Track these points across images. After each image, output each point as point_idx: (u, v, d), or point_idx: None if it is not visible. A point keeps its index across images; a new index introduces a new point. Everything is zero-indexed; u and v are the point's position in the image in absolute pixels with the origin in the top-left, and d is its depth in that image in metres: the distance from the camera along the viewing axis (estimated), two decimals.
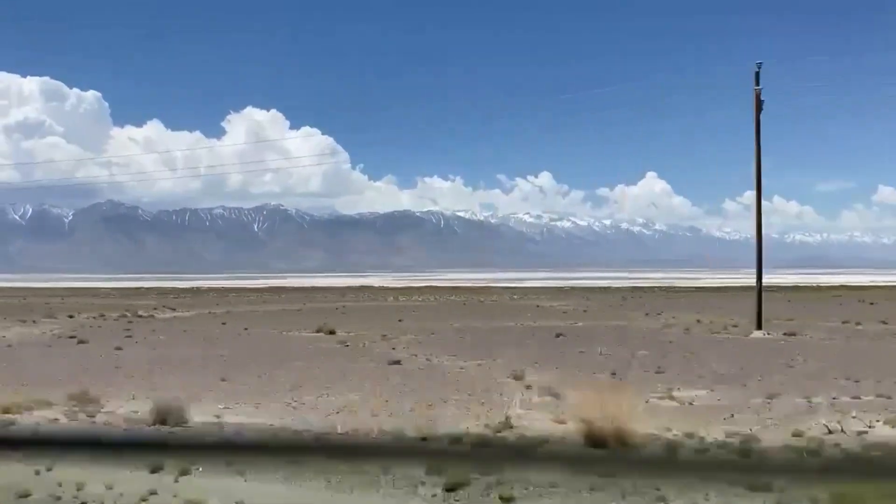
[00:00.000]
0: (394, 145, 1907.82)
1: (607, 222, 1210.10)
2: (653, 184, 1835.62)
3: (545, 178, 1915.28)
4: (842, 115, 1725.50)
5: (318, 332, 34.47)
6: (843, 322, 37.99)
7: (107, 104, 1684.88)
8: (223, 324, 41.32)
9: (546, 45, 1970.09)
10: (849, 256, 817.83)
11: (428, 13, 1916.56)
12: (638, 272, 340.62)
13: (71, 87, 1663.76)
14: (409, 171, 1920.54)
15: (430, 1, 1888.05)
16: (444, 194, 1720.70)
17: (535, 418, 13.89)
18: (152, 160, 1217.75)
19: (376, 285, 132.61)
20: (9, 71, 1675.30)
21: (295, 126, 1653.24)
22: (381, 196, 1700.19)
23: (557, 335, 31.92)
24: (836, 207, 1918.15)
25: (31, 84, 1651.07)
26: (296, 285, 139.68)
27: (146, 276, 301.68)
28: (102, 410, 14.88)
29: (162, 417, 12.60)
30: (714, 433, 12.34)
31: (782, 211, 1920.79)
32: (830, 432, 12.12)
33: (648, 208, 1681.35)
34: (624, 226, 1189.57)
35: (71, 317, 46.45)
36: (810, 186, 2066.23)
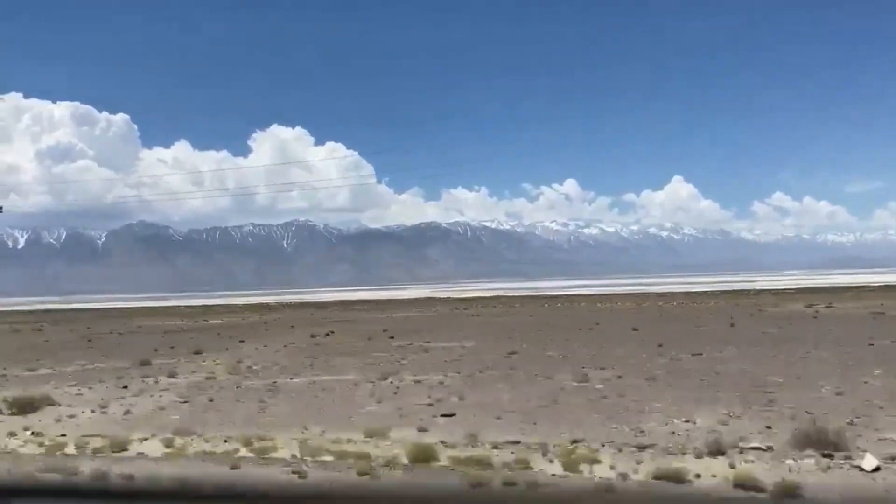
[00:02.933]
0: (418, 157, 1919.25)
1: (635, 228, 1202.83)
2: (679, 188, 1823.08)
3: (570, 186, 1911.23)
4: (871, 115, 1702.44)
5: None
6: None
7: (135, 126, 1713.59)
8: None
9: (567, 54, 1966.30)
10: (884, 256, 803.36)
11: (450, 27, 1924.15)
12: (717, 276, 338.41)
13: (100, 111, 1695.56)
14: (434, 182, 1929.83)
15: (451, 14, 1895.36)
16: (469, 205, 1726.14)
17: None
18: (181, 180, 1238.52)
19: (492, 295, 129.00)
20: (40, 97, 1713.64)
21: (320, 142, 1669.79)
22: (407, 208, 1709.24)
23: None
24: (869, 206, 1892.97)
25: (62, 109, 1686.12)
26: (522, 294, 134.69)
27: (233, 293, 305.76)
28: None
29: None
30: None
31: (813, 211, 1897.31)
32: None
33: (676, 213, 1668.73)
34: (652, 231, 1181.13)
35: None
36: (841, 186, 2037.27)
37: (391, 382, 21.02)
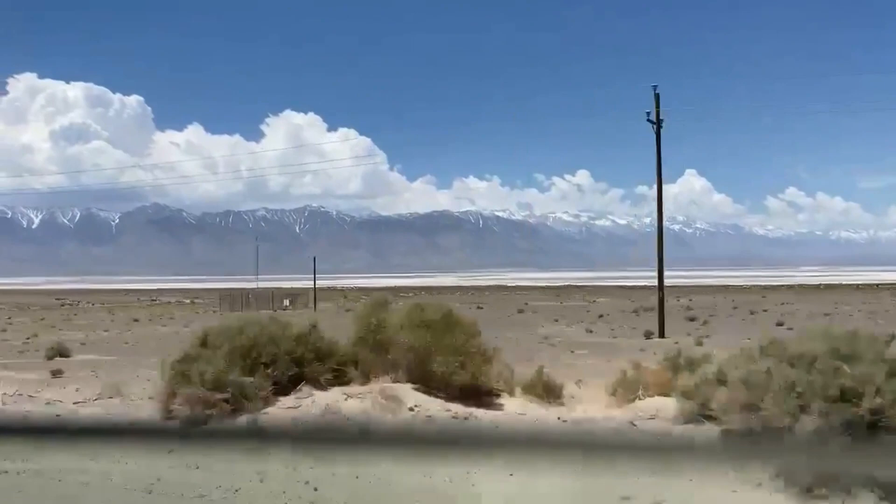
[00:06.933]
0: (430, 145, 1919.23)
1: (647, 220, 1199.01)
2: (693, 181, 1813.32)
3: (583, 177, 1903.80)
4: (887, 110, 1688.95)
5: None
6: None
7: (149, 109, 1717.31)
8: None
9: (579, 45, 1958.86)
10: None
11: (463, 15, 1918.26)
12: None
13: (114, 93, 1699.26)
14: (446, 171, 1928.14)
15: (463, 3, 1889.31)
16: (481, 194, 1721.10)
17: None
18: (194, 163, 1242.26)
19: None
20: (54, 78, 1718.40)
21: (332, 128, 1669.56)
22: (419, 196, 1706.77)
23: None
24: (884, 203, 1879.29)
25: (76, 90, 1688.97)
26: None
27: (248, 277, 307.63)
28: None
29: None
30: None
31: (827, 208, 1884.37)
32: None
33: (689, 206, 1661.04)
34: (664, 224, 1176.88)
35: None
36: (856, 182, 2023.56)
37: None
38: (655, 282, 31.21)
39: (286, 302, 66.80)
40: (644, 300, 67.45)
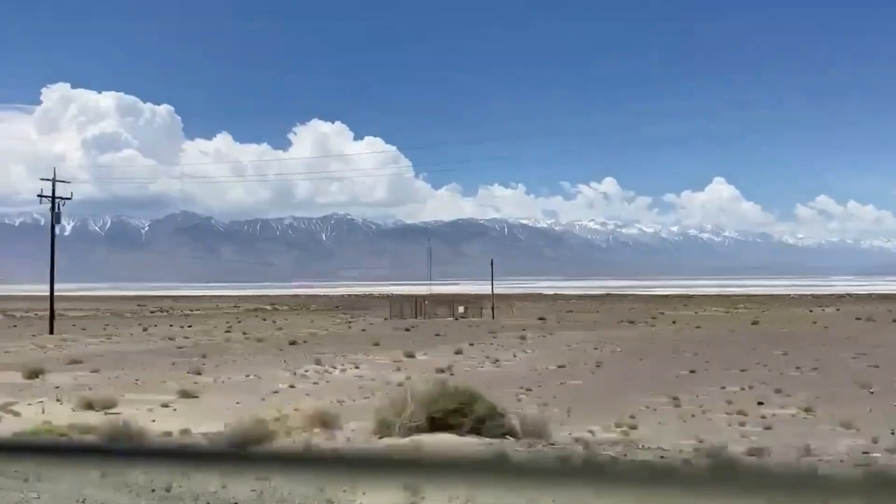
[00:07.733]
0: (456, 153, 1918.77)
1: (674, 229, 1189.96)
2: (721, 189, 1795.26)
3: (609, 184, 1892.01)
4: None
5: None
6: None
7: (179, 118, 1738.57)
8: None
9: (605, 52, 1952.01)
10: None
11: (485, 23, 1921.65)
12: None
13: (145, 102, 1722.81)
14: (471, 178, 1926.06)
15: (483, 12, 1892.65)
16: (506, 202, 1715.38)
17: None
18: (223, 172, 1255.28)
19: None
20: (86, 87, 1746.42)
21: (359, 136, 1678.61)
22: (444, 204, 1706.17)
23: None
24: None
25: (107, 100, 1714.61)
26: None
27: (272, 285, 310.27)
28: None
29: None
30: None
31: (858, 216, 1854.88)
32: None
33: (717, 214, 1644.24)
34: (692, 232, 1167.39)
35: None
36: (888, 190, 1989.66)
37: None
38: (713, 291, 31.23)
39: (461, 309, 70.18)
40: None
